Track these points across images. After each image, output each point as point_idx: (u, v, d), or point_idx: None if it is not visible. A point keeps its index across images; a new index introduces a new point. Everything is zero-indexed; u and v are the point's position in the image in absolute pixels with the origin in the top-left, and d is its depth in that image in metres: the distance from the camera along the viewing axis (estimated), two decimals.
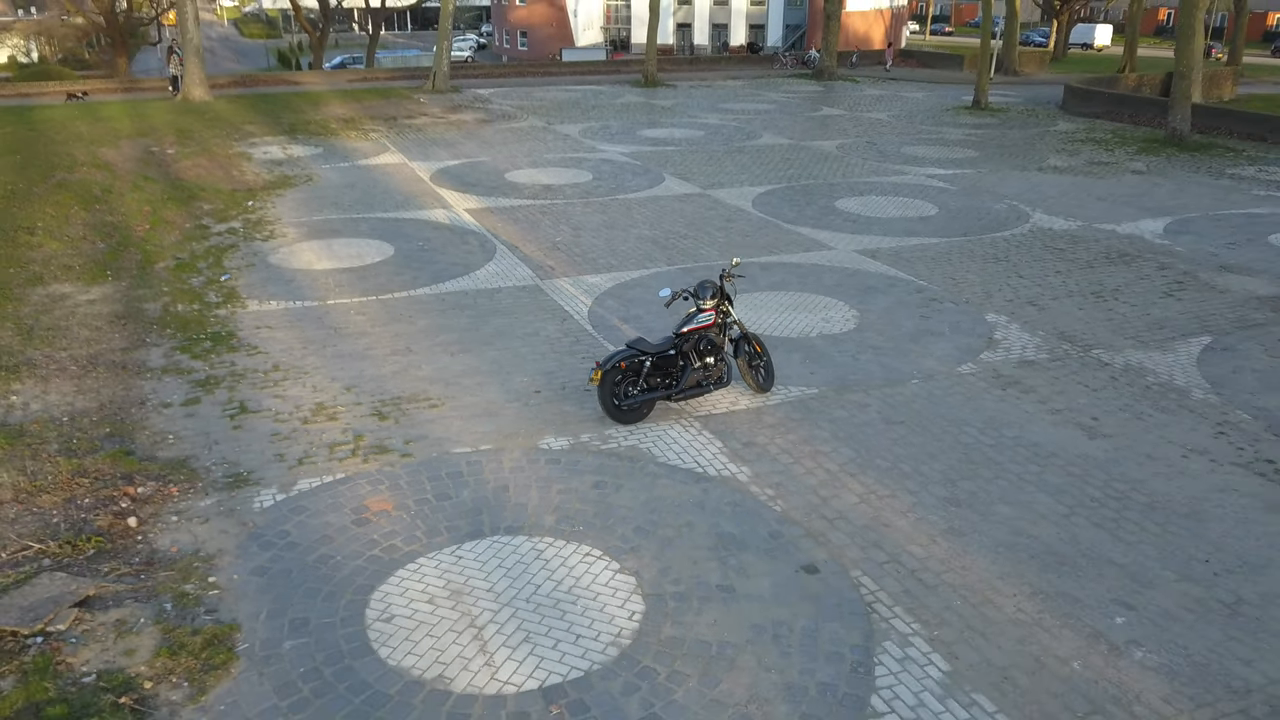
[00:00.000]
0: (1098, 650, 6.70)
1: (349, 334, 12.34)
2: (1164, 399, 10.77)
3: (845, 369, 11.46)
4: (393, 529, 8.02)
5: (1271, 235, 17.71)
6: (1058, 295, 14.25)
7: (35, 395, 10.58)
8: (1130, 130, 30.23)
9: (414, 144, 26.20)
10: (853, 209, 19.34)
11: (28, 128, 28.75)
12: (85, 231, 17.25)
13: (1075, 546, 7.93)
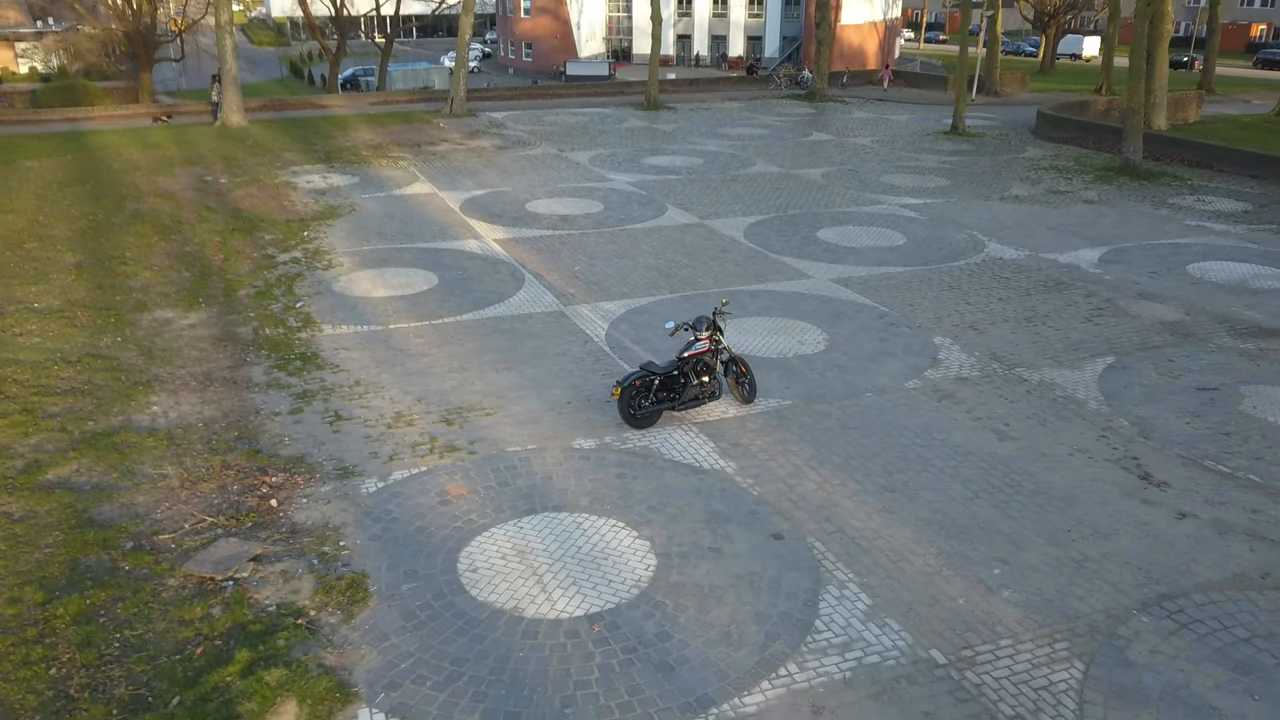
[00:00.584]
0: (978, 591, 9.50)
1: (412, 354, 15.14)
2: (1065, 409, 13.57)
3: (814, 384, 14.26)
4: (468, 507, 10.82)
5: (1189, 265, 20.52)
6: (996, 320, 17.06)
7: (170, 406, 13.38)
8: (1092, 157, 33.03)
9: (440, 173, 29.02)
10: (831, 239, 22.15)
11: (86, 154, 31.54)
12: (169, 261, 20.05)
13: (973, 521, 10.74)
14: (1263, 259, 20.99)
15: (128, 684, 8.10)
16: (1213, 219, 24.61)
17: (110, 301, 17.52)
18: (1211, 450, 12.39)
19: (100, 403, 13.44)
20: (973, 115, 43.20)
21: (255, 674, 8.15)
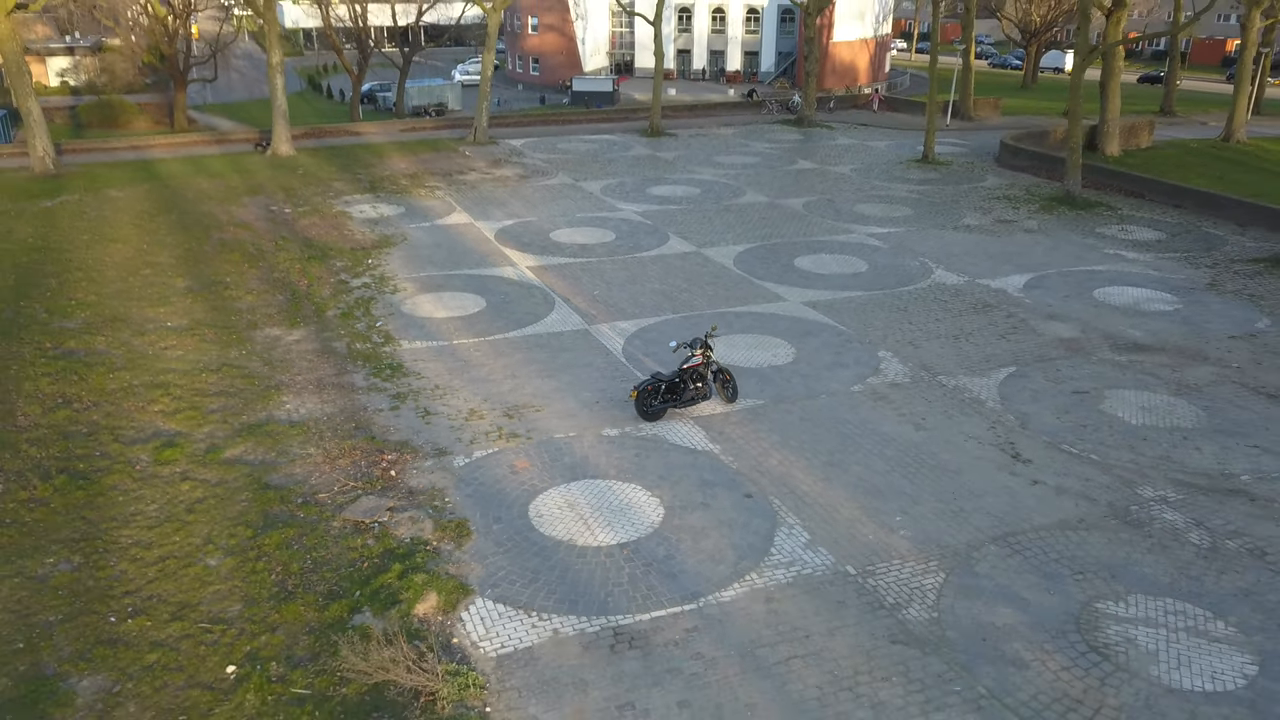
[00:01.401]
0: (882, 532, 14.02)
1: (474, 364, 19.66)
2: (968, 407, 18.09)
3: (782, 388, 18.78)
4: (531, 476, 15.34)
5: (1096, 290, 25.03)
6: (930, 337, 21.58)
7: (298, 404, 17.89)
8: (1043, 187, 37.53)
9: (474, 203, 33.54)
10: (806, 266, 26.67)
11: (160, 184, 36.03)
12: (263, 286, 24.57)
13: (887, 486, 15.25)
14: (1158, 284, 25.51)
15: (324, 583, 12.63)
16: (1129, 247, 29.13)
17: (227, 321, 22.04)
18: (1069, 438, 16.92)
19: (245, 401, 17.96)
20: (946, 141, 47.68)
21: (407, 577, 12.67)
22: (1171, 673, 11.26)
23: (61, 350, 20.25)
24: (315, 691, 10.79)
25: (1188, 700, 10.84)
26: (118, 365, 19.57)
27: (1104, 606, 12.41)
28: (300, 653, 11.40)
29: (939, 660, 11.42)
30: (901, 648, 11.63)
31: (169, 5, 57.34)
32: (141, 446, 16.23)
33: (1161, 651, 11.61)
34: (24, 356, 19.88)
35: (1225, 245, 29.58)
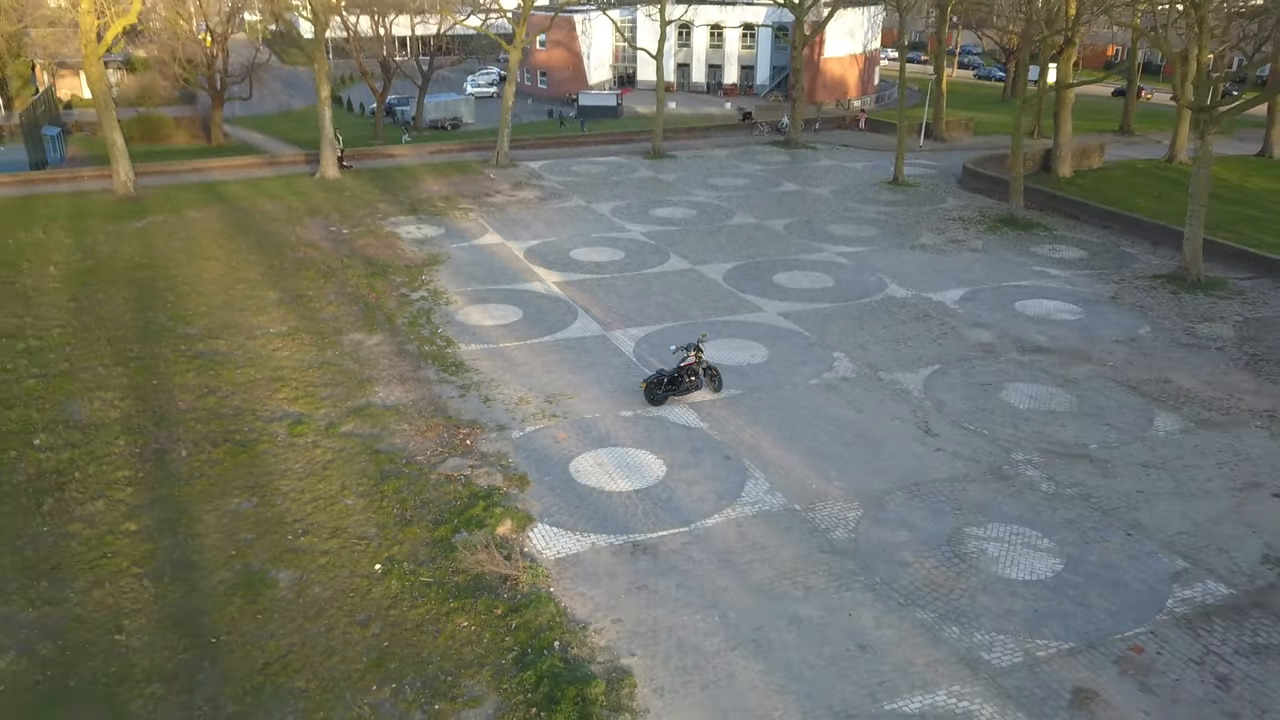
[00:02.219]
0: (822, 483, 19.68)
1: (519, 363, 25.32)
2: (899, 396, 23.74)
3: (756, 381, 24.43)
4: (570, 444, 21.00)
5: (1017, 302, 30.67)
6: (876, 341, 27.23)
7: (388, 394, 23.54)
8: (994, 208, 43.07)
9: (503, 224, 39.17)
10: (782, 282, 32.31)
11: (230, 206, 41.62)
12: (339, 298, 30.20)
13: (830, 452, 20.91)
14: (1069, 297, 31.16)
15: (431, 514, 18.30)
16: (1054, 265, 34.77)
17: (317, 328, 27.69)
18: (969, 418, 22.59)
19: (347, 391, 23.62)
20: (917, 163, 53.25)
21: (489, 510, 18.33)
22: (1006, 569, 16.93)
23: (194, 351, 25.90)
24: (436, 580, 16.46)
25: (1012, 585, 16.50)
26: (241, 363, 25.22)
27: (970, 530, 18.08)
28: (423, 556, 17.07)
29: (852, 561, 17.09)
30: (828, 555, 17.30)
31: (208, 30, 62.70)
32: (277, 424, 21.89)
33: (1002, 557, 17.28)
34: (167, 357, 25.53)
35: (1135, 263, 35.25)
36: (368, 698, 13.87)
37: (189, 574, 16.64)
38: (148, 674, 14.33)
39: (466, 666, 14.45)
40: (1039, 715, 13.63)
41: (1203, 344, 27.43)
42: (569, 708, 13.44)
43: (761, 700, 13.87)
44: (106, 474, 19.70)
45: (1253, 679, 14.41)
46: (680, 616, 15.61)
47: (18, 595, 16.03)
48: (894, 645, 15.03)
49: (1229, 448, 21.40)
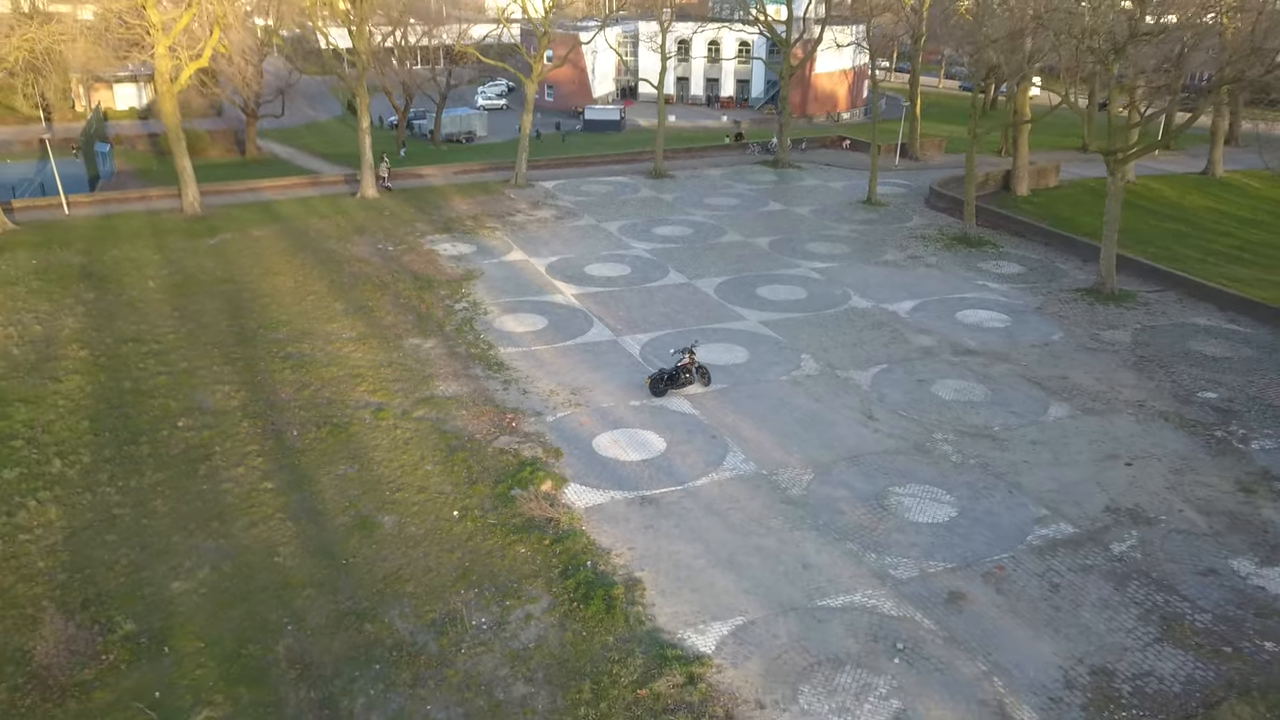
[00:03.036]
0: (785, 455, 25.92)
1: (548, 363, 31.55)
2: (850, 389, 29.97)
3: (739, 378, 30.66)
4: (592, 425, 27.25)
5: (958, 312, 36.85)
6: (837, 345, 33.44)
7: (447, 387, 29.77)
8: (953, 227, 49.18)
9: (525, 242, 45.36)
10: (764, 294, 38.51)
11: (286, 224, 47.75)
12: (395, 308, 36.40)
13: (794, 433, 27.15)
14: (1001, 308, 37.36)
15: (490, 476, 24.53)
16: (995, 279, 40.96)
17: (382, 334, 33.89)
18: (904, 407, 28.82)
19: (413, 385, 29.84)
20: (891, 182, 59.38)
21: (534, 473, 24.56)
22: (915, 516, 23.15)
23: (285, 353, 32.11)
24: (499, 521, 22.69)
25: (918, 526, 22.72)
26: (324, 363, 31.43)
27: (893, 489, 24.31)
28: (488, 506, 23.29)
29: (804, 510, 23.32)
30: (785, 505, 23.53)
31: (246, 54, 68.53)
32: (363, 410, 28.10)
33: (914, 507, 23.51)
34: (264, 357, 31.75)
35: (1065, 278, 41.47)
36: (458, 598, 20.09)
37: (317, 518, 22.88)
38: (302, 583, 20.55)
39: (526, 578, 20.68)
40: (923, 608, 19.87)
41: (1103, 348, 33.67)
42: (599, 602, 19.67)
43: (733, 600, 20.10)
44: (240, 448, 25.94)
45: (1075, 586, 20.65)
46: (676, 546, 21.85)
47: (199, 532, 22.27)
48: (828, 565, 21.27)
49: (1101, 430, 27.64)
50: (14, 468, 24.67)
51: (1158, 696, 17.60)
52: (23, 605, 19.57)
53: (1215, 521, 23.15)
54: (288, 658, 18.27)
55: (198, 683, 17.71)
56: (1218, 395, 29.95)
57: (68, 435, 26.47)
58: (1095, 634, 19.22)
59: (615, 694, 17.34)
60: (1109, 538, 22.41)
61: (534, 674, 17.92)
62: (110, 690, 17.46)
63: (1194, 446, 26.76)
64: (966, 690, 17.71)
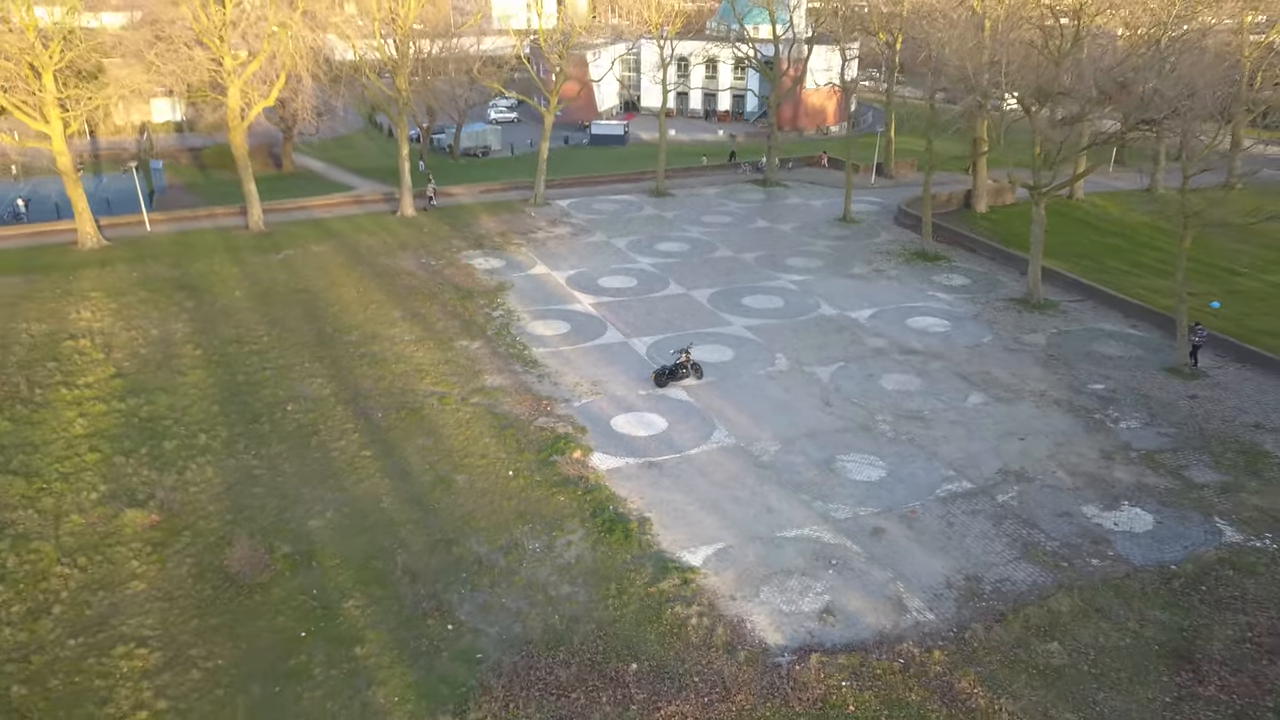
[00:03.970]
0: (759, 431, 33.74)
1: (572, 360, 39.35)
2: (813, 381, 37.76)
3: (725, 373, 38.46)
4: (609, 409, 35.07)
5: (908, 319, 44.60)
6: (806, 346, 41.20)
7: (493, 380, 37.58)
8: (915, 242, 56.82)
9: (547, 257, 53.09)
10: (748, 303, 46.25)
11: (338, 239, 55.48)
12: (444, 316, 44.16)
13: (766, 415, 34.94)
14: (945, 315, 45.10)
15: (534, 446, 32.34)
16: (943, 290, 48.71)
17: (435, 337, 41.64)
18: (855, 396, 36.62)
19: (467, 378, 37.63)
20: (866, 200, 67.08)
21: (567, 444, 32.36)
22: (854, 475, 30.95)
23: (360, 352, 39.87)
24: (544, 479, 30.46)
25: (856, 483, 30.52)
26: (392, 360, 39.18)
27: (840, 456, 32.12)
28: (534, 467, 31.07)
29: (770, 471, 31.12)
30: (757, 468, 31.32)
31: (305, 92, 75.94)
32: (429, 398, 35.85)
33: (854, 470, 31.31)
34: (343, 356, 39.50)
35: (1003, 289, 49.24)
36: (518, 531, 27.86)
37: (407, 476, 30.66)
38: (403, 521, 28.33)
39: (566, 517, 28.46)
40: (852, 536, 27.65)
41: (1022, 348, 41.47)
42: (619, 533, 27.44)
43: (715, 532, 27.86)
44: (339, 425, 33.73)
45: (965, 524, 28.44)
46: (674, 495, 29.64)
47: (320, 486, 30.05)
48: (786, 509, 29.05)
49: (1006, 413, 35.44)
50: (171, 440, 32.48)
51: (1009, 593, 25.41)
52: (209, 536, 27.38)
53: (1078, 480, 30.96)
54: (402, 568, 26.08)
55: (340, 584, 25.51)
56: (1104, 386, 37.77)
57: (203, 417, 34.28)
58: (973, 555, 27.03)
59: (632, 591, 25.15)
60: (996, 491, 30.23)
61: (575, 579, 25.72)
62: (282, 589, 25.26)
63: (1076, 426, 34.58)
64: (877, 590, 25.52)
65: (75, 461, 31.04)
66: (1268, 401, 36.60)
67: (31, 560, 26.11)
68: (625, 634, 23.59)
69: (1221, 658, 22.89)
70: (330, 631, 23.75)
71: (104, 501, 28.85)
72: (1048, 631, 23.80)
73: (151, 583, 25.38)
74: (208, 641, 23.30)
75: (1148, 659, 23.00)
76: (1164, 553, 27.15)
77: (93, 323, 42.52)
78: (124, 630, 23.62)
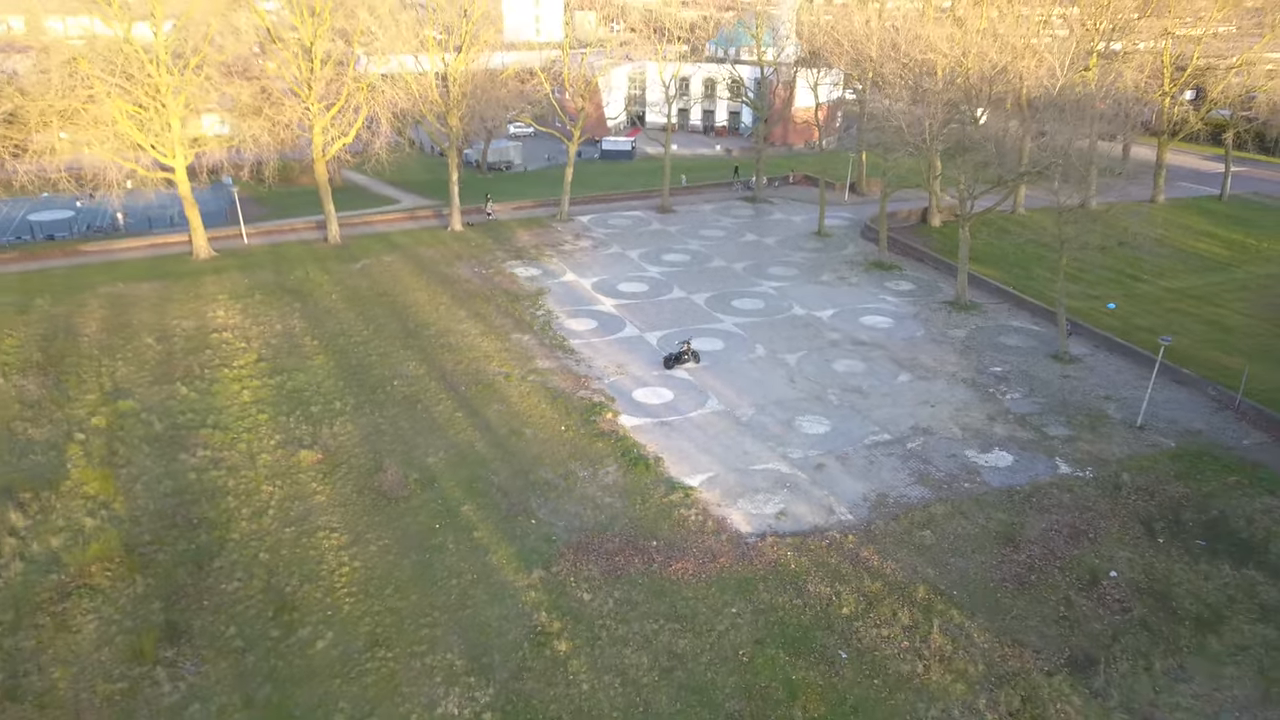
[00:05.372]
0: (740, 401, 46.34)
1: (601, 349, 51.93)
2: (783, 365, 50.33)
3: (717, 359, 51.02)
4: (631, 385, 47.65)
5: (861, 317, 57.11)
6: (780, 339, 53.71)
7: (542, 364, 50.18)
8: (872, 254, 69.22)
9: (574, 266, 65.58)
10: (736, 305, 58.78)
11: (401, 251, 67.97)
12: (499, 315, 56.72)
13: (746, 389, 47.54)
14: (891, 315, 57.60)
15: (579, 410, 44.91)
16: (891, 294, 61.18)
17: (495, 331, 54.18)
18: (813, 375, 49.18)
19: (524, 361, 50.21)
20: (839, 215, 79.50)
21: (601, 409, 44.98)
22: (807, 430, 43.55)
23: (440, 343, 52.38)
24: (587, 432, 43.03)
25: (809, 435, 43.12)
26: (465, 349, 51.70)
27: (798, 418, 44.70)
28: (580, 425, 43.61)
29: (747, 427, 43.71)
30: (737, 425, 43.91)
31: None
32: (497, 377, 48.39)
33: (807, 427, 43.91)
34: (427, 345, 52.01)
35: (940, 293, 61.72)
36: (571, 465, 40.41)
37: (489, 430, 43.19)
38: (492, 459, 40.86)
39: (604, 457, 41.00)
40: (802, 469, 40.22)
41: (946, 340, 53.99)
42: (642, 466, 40.01)
43: (707, 465, 40.41)
44: (434, 395, 46.25)
45: (881, 461, 41.02)
46: (679, 443, 42.21)
47: (430, 436, 42.57)
48: (757, 451, 41.60)
49: (925, 388, 47.98)
50: (315, 405, 45.01)
51: (904, 503, 37.97)
52: (360, 467, 39.93)
53: (967, 434, 43.52)
54: (496, 488, 38.65)
55: (456, 497, 38.07)
56: (1001, 369, 50.34)
57: (333, 389, 46.80)
58: (884, 481, 39.60)
59: (651, 500, 37.72)
60: (907, 441, 42.79)
61: (613, 494, 38.27)
62: (417, 500, 37.83)
63: (973, 397, 47.14)
64: (816, 501, 38.08)
65: (251, 420, 43.59)
66: (1119, 380, 49.22)
67: (245, 482, 38.69)
68: (648, 525, 36.19)
69: (1032, 539, 35.55)
70: (454, 525, 36.33)
71: (281, 446, 41.42)
72: (925, 525, 36.43)
73: (329, 496, 37.97)
74: (376, 530, 35.89)
75: (986, 540, 35.64)
76: (1014, 479, 39.77)
77: (227, 319, 55.02)
78: (319, 523, 36.21)
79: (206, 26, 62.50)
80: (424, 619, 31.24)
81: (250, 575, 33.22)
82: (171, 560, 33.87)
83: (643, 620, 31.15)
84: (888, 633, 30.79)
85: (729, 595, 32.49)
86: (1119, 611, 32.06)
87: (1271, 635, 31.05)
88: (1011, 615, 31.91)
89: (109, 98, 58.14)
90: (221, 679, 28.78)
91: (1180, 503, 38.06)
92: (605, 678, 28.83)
